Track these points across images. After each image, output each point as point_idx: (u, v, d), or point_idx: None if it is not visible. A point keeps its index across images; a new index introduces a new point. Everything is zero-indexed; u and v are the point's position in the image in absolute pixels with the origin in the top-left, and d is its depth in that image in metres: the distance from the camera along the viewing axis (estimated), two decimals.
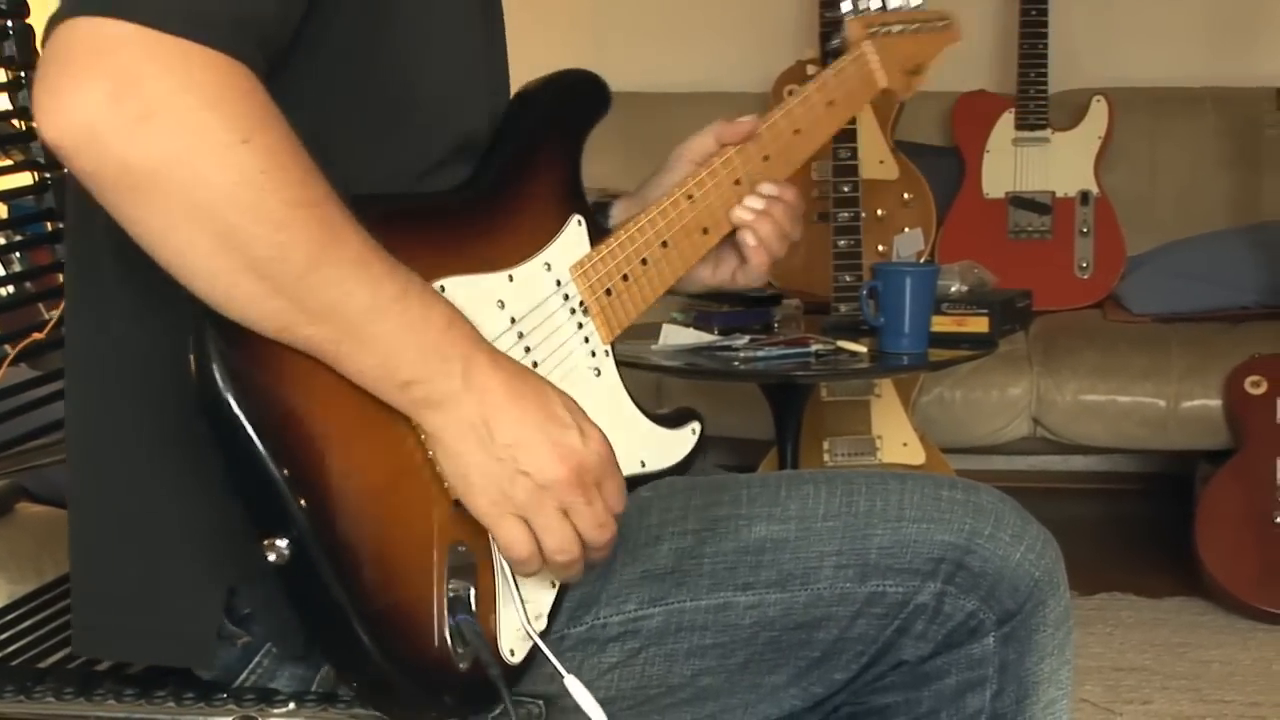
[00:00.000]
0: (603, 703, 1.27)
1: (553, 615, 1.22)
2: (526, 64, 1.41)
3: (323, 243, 1.03)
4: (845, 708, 1.33)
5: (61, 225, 1.82)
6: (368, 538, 1.08)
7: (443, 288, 1.17)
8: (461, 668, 1.11)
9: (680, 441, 1.37)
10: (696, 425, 1.38)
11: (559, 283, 1.28)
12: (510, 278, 1.24)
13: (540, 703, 1.27)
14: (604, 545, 1.16)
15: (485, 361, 1.10)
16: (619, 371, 1.34)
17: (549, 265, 1.28)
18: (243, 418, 1.03)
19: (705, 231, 1.41)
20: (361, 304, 1.05)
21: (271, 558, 1.04)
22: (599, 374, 1.31)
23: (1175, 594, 3.29)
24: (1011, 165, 3.87)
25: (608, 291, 1.32)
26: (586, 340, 1.30)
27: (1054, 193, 3.86)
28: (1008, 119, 3.88)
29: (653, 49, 4.29)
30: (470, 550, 1.14)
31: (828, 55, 3.64)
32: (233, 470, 1.05)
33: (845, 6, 1.58)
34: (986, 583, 1.26)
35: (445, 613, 1.11)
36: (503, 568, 1.16)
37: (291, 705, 1.24)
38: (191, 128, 0.99)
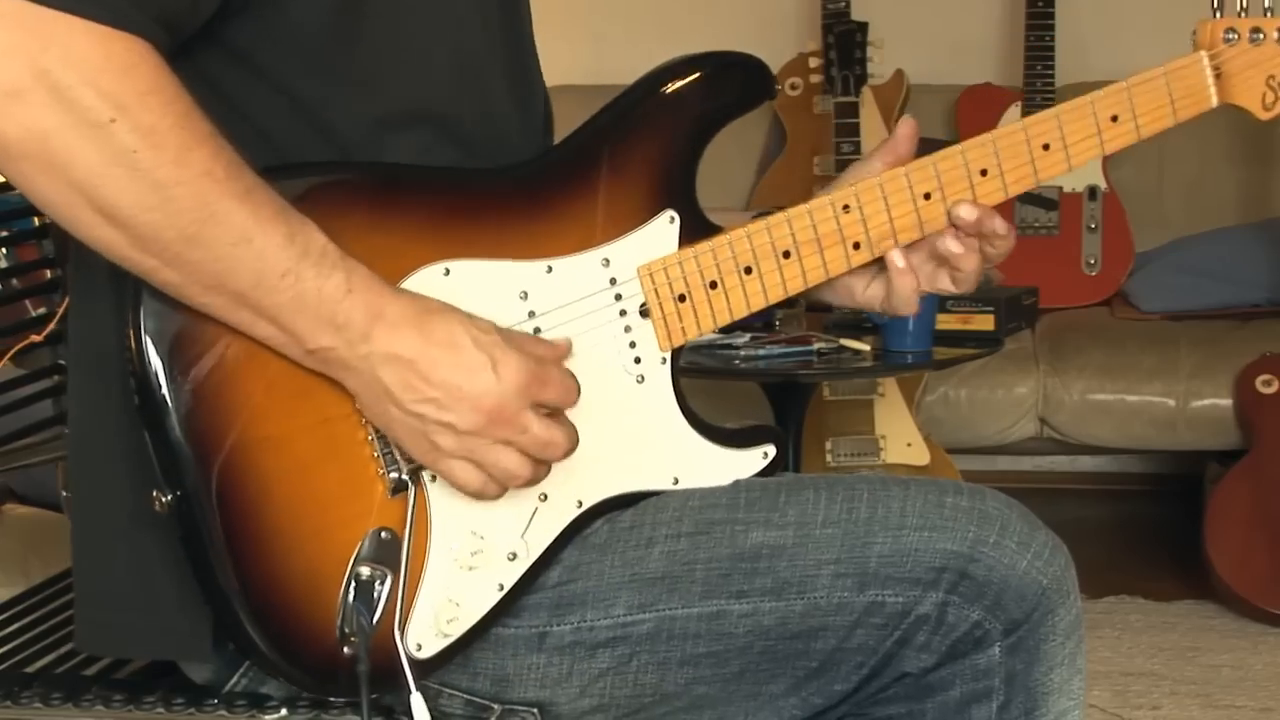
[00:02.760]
0: (598, 710, 1.27)
1: (494, 616, 1.22)
2: (542, 57, 1.41)
3: (198, 220, 1.06)
4: (849, 719, 1.33)
5: (49, 221, 1.82)
6: (272, 508, 1.14)
7: (447, 270, 1.19)
8: (346, 652, 1.15)
9: (742, 463, 1.31)
10: (770, 449, 1.32)
11: (614, 280, 1.26)
12: (550, 268, 1.23)
13: (534, 710, 1.27)
14: (560, 457, 1.18)
15: (387, 325, 1.12)
16: (677, 381, 1.28)
17: (608, 260, 1.25)
18: (153, 373, 1.11)
19: (856, 246, 1.29)
20: (247, 279, 1.09)
21: (156, 507, 1.13)
22: (642, 381, 1.27)
23: (1184, 597, 3.29)
24: None
25: (681, 297, 1.27)
26: (633, 345, 1.27)
27: (1061, 188, 3.87)
28: (1014, 112, 3.87)
29: (651, 41, 4.28)
30: (395, 538, 1.17)
31: (829, 48, 3.65)
32: (146, 426, 1.13)
33: (1212, 7, 1.35)
34: (992, 591, 1.25)
35: (347, 596, 1.15)
36: (427, 560, 1.19)
37: (283, 711, 1.24)
38: (64, 106, 1.02)
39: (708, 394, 3.40)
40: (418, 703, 1.18)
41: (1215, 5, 1.35)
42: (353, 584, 1.16)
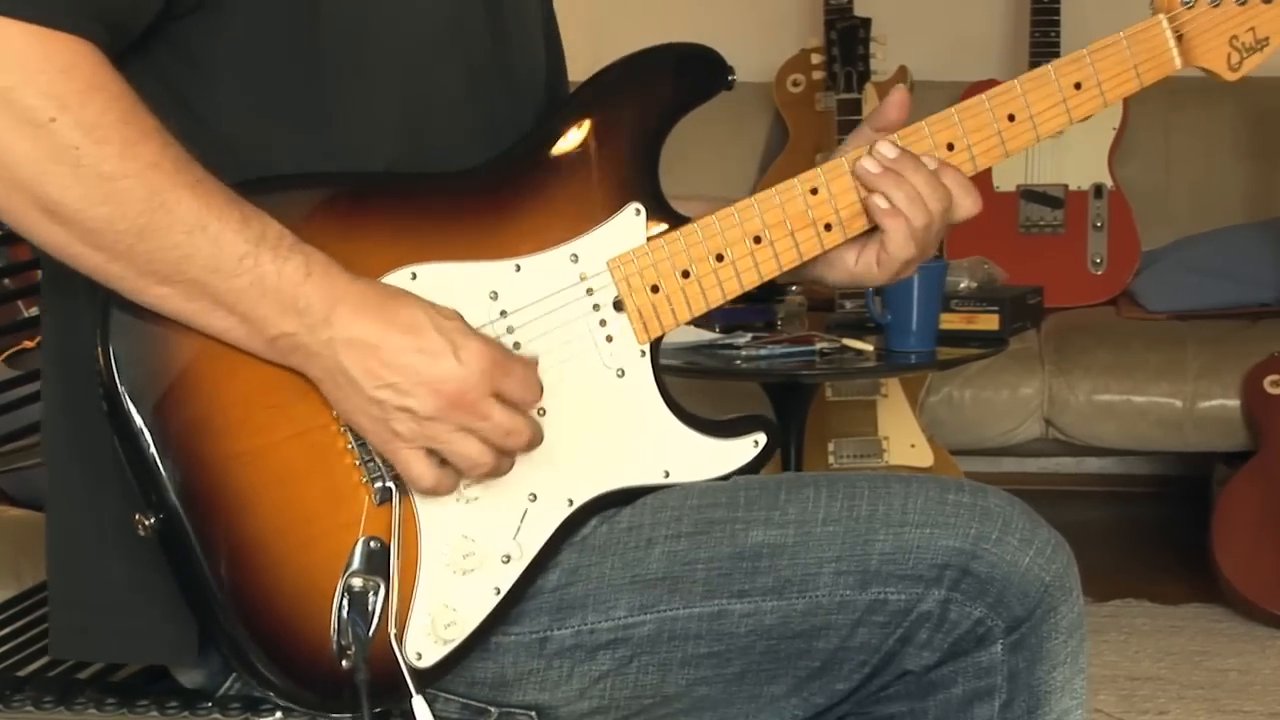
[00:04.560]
0: (597, 712, 1.28)
1: (493, 621, 1.23)
2: None
3: (149, 209, 1.08)
4: (850, 718, 1.33)
5: None
6: (256, 524, 1.14)
7: (414, 275, 1.20)
8: (345, 665, 1.16)
9: (732, 453, 1.32)
10: (761, 437, 1.33)
11: (584, 275, 1.27)
12: (518, 267, 1.24)
13: (532, 713, 1.28)
14: (523, 446, 1.19)
15: (348, 309, 1.13)
16: (658, 373, 1.29)
17: (576, 256, 1.26)
18: (124, 395, 1.11)
19: (828, 228, 1.31)
20: (204, 265, 1.10)
21: (140, 531, 1.13)
22: (622, 374, 1.28)
23: (1191, 600, 3.29)
24: (1022, 157, 3.87)
25: (654, 288, 1.28)
26: (609, 339, 1.27)
27: (1066, 186, 3.87)
28: None
29: (651, 38, 4.28)
30: (385, 547, 1.17)
31: (831, 44, 3.65)
32: (121, 447, 1.13)
33: None
34: (994, 589, 1.25)
35: (341, 608, 1.15)
36: (420, 567, 1.19)
37: (278, 715, 1.24)
38: (3, 108, 1.04)
39: (708, 395, 3.41)
40: (419, 705, 1.18)
41: None
42: (345, 596, 1.16)
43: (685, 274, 1.29)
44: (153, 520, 1.13)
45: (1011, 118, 1.32)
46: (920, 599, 1.26)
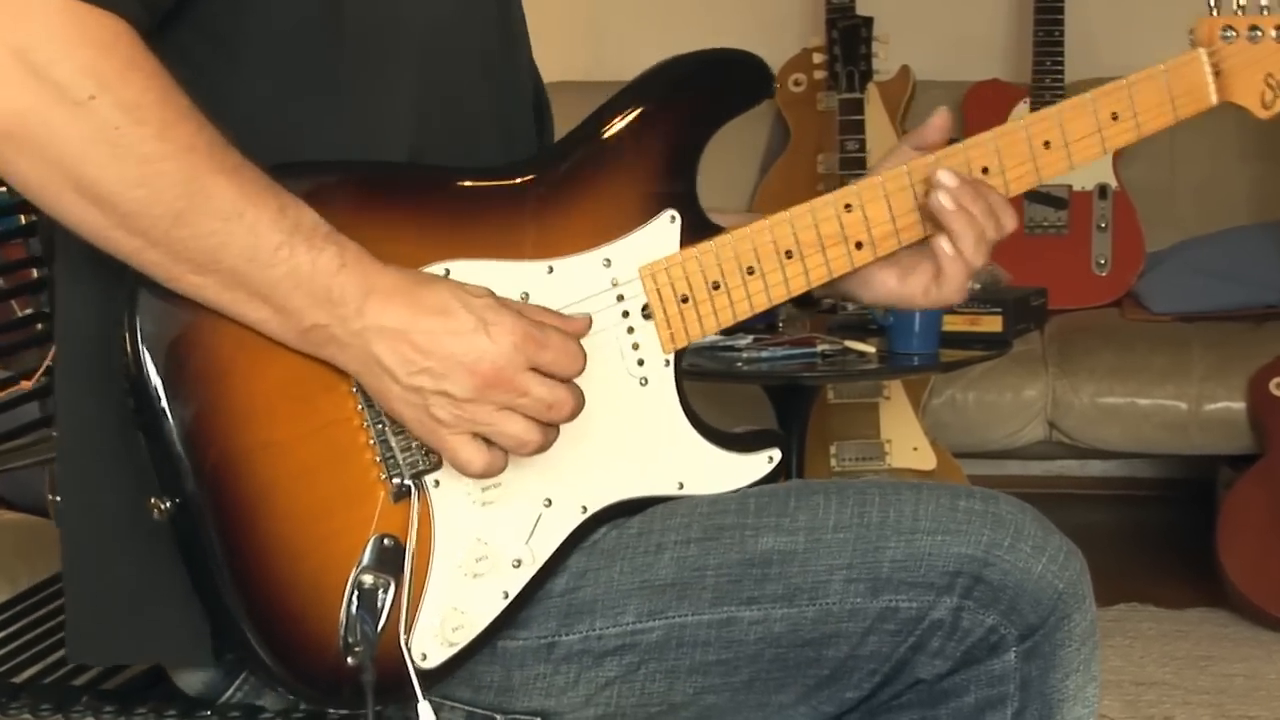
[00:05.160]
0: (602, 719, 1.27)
1: (499, 626, 1.22)
2: (535, 52, 1.41)
3: (185, 194, 1.07)
4: None
5: (36, 218, 1.82)
6: (274, 514, 1.14)
7: (448, 270, 1.19)
8: (350, 662, 1.15)
9: (746, 467, 1.32)
10: (775, 453, 1.33)
11: (615, 281, 1.26)
12: (550, 268, 1.24)
13: (538, 719, 1.27)
14: (567, 417, 1.18)
15: (380, 299, 1.13)
16: (680, 384, 1.29)
17: (609, 261, 1.26)
18: (151, 377, 1.11)
19: (859, 246, 1.31)
20: (239, 255, 1.09)
21: (155, 515, 1.12)
22: (645, 383, 1.28)
23: (1197, 605, 3.29)
24: None
25: (684, 298, 1.28)
26: (635, 347, 1.27)
27: (1070, 186, 3.87)
28: (1022, 109, 3.88)
29: (651, 37, 4.28)
30: (400, 546, 1.17)
31: (833, 43, 3.65)
32: (142, 431, 1.13)
33: (1210, 4, 1.36)
34: (1007, 596, 1.25)
35: (350, 605, 1.15)
36: (431, 568, 1.19)
37: None
38: (42, 83, 1.03)
39: (709, 396, 3.41)
40: (425, 711, 1.18)
41: (1213, 2, 1.37)
42: (355, 593, 1.16)
43: (716, 285, 1.28)
44: (169, 505, 1.12)
45: (1048, 144, 1.33)
46: (932, 607, 1.25)
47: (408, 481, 1.18)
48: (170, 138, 1.06)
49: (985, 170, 1.32)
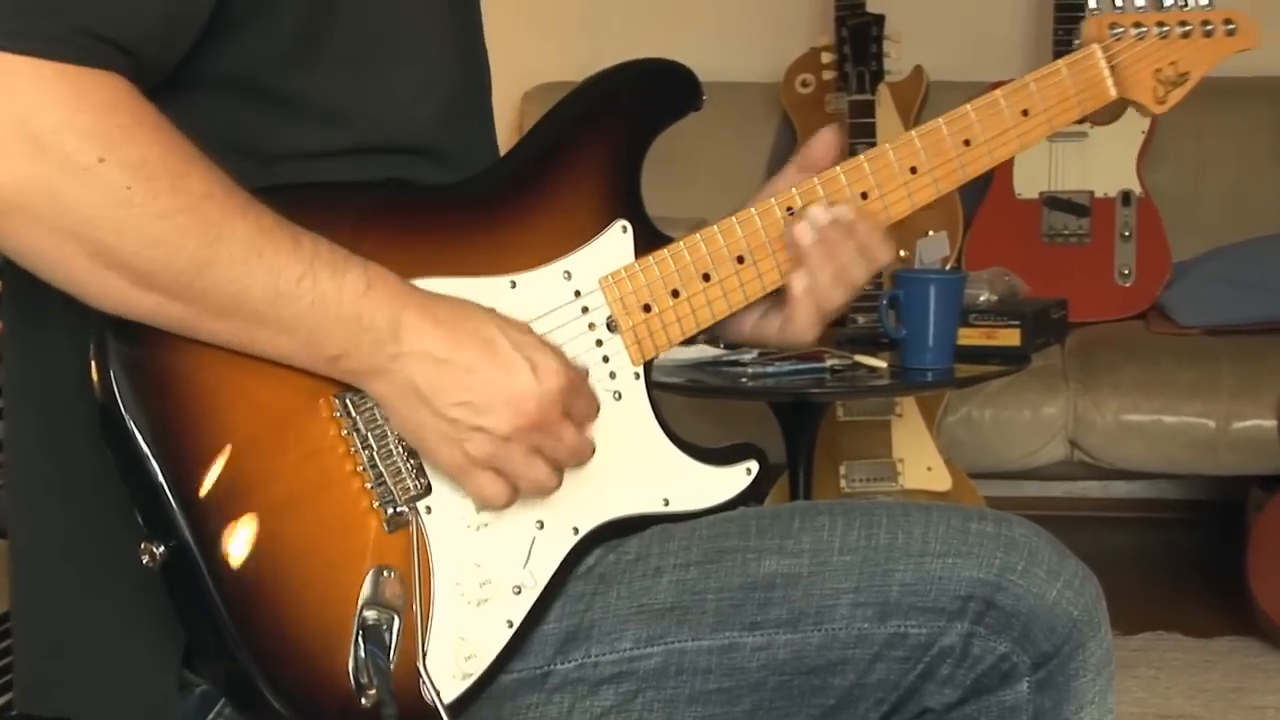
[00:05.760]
0: None
1: (507, 656, 1.23)
2: (514, 51, 1.42)
3: (206, 243, 1.08)
4: None
5: None
6: (268, 551, 1.13)
7: None
8: (364, 705, 1.15)
9: (727, 481, 1.35)
10: (753, 465, 1.36)
11: (578, 293, 1.29)
12: (513, 283, 1.26)
13: None
14: (583, 464, 1.22)
15: (414, 318, 1.15)
16: (652, 397, 1.32)
17: (569, 273, 1.29)
18: (129, 421, 1.10)
19: None
20: (263, 294, 1.10)
21: (145, 560, 1.12)
22: (619, 398, 1.31)
23: (1226, 633, 3.29)
24: (1046, 162, 3.88)
25: (646, 307, 1.31)
26: (606, 360, 1.30)
27: (1092, 192, 3.87)
28: None
29: (650, 36, 4.30)
30: (399, 576, 1.18)
31: (842, 42, 3.66)
32: (125, 477, 1.12)
33: (1091, 3, 1.45)
34: (1020, 623, 1.26)
35: (358, 642, 1.15)
36: (434, 598, 1.19)
37: None
38: (46, 152, 1.03)
39: (711, 415, 3.42)
40: None
41: (1094, 3, 1.45)
42: (361, 630, 1.16)
43: (675, 293, 1.32)
44: (161, 549, 1.12)
45: (968, 143, 1.39)
46: (942, 633, 1.26)
47: (401, 509, 1.19)
48: (183, 189, 1.08)
49: (914, 170, 1.38)
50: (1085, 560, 1.32)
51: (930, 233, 3.71)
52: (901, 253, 3.68)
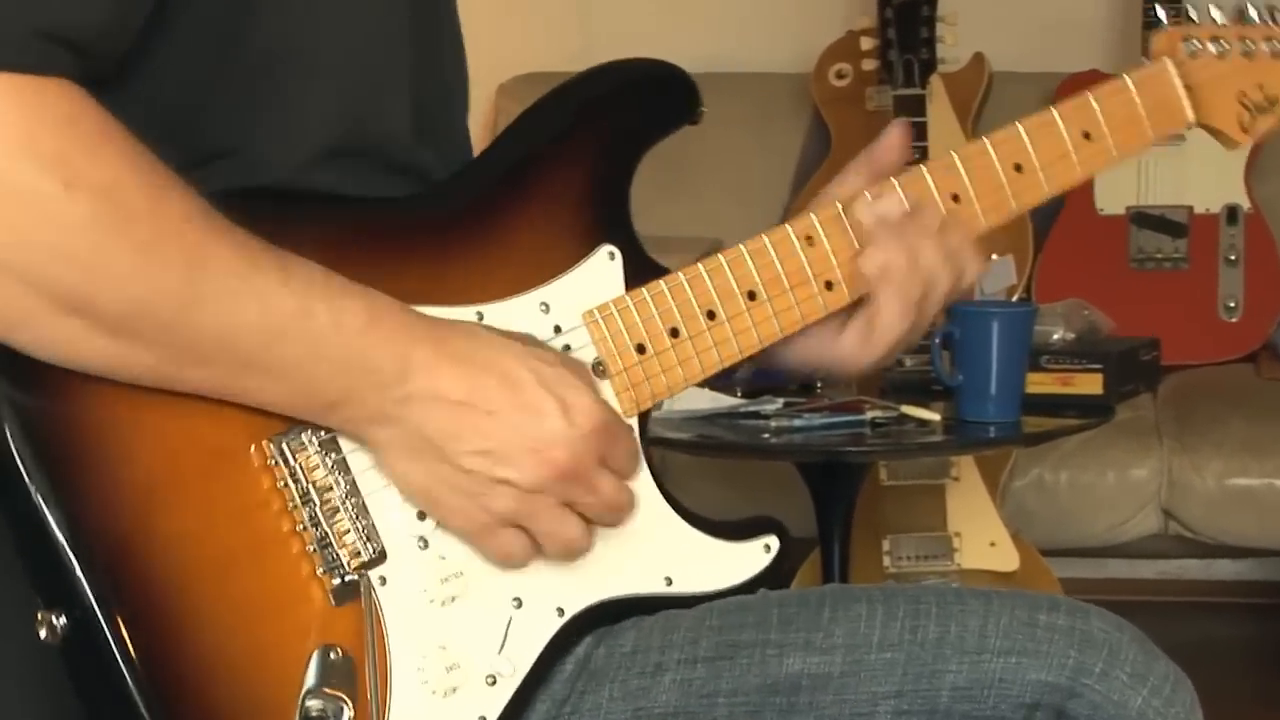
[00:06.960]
0: None
1: None
2: (488, 35, 1.43)
3: (189, 277, 1.09)
4: None
5: None
6: (191, 626, 1.14)
7: None
8: None
9: (742, 559, 1.34)
10: (773, 540, 1.35)
11: (558, 329, 1.29)
12: (480, 315, 1.26)
13: None
14: (620, 523, 1.23)
15: (425, 355, 1.16)
16: (651, 456, 1.31)
17: (546, 305, 1.29)
18: (24, 469, 1.11)
19: (829, 286, 1.36)
20: (252, 331, 1.12)
21: (43, 633, 1.11)
22: None
23: None
24: (1134, 171, 3.89)
25: (640, 348, 1.31)
26: None
27: (1191, 208, 3.88)
28: None
29: (654, 15, 4.31)
30: (350, 658, 1.18)
31: (886, 25, 3.67)
32: (18, 535, 1.13)
33: (1159, 13, 1.48)
34: None
35: None
36: (391, 685, 1.20)
37: None
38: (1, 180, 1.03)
39: (725, 479, 3.42)
40: None
41: (1163, 15, 1.49)
42: None
43: (675, 332, 1.32)
44: (63, 621, 1.12)
45: (1019, 168, 1.40)
46: None
47: (351, 577, 1.20)
48: (163, 210, 1.09)
49: (956, 198, 1.38)
50: (1180, 656, 1.32)
51: (993, 256, 3.71)
52: None
